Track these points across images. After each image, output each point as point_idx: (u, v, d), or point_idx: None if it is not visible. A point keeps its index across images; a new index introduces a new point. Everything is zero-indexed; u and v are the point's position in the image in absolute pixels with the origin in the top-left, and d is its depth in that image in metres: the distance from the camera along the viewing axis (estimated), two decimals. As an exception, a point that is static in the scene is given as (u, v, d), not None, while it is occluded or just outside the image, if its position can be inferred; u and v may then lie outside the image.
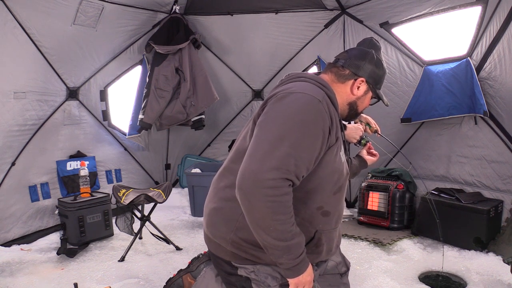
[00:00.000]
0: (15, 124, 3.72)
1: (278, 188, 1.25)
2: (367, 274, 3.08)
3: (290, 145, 1.28)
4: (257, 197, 1.26)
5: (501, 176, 3.58)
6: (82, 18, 3.92)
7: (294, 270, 1.37)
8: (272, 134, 1.31)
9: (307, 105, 1.34)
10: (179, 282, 2.06)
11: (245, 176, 1.28)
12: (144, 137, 4.93)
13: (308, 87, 1.42)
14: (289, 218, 1.31)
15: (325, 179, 1.44)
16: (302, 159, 1.30)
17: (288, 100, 1.36)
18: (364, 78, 1.56)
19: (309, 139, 1.31)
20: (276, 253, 1.34)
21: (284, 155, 1.27)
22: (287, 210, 1.29)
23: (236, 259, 1.50)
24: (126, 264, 3.36)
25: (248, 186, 1.27)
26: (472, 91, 3.58)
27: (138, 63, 4.87)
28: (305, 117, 1.32)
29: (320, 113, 1.34)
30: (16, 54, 3.59)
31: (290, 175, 1.28)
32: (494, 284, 2.87)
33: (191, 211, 4.83)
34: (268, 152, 1.28)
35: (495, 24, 3.34)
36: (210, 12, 4.89)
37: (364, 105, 1.63)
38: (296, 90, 1.39)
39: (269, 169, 1.25)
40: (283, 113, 1.34)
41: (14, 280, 3.03)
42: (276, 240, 1.30)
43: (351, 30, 4.50)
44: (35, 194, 3.96)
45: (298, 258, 1.35)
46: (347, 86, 1.57)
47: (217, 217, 1.53)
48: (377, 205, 4.15)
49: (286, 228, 1.30)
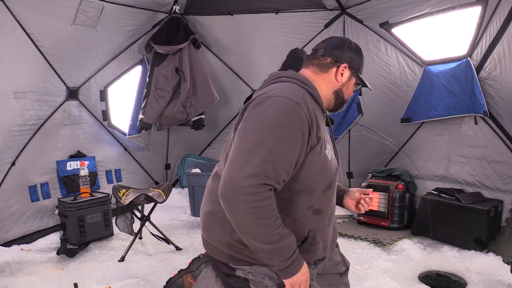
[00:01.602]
0: (15, 124, 3.72)
1: (257, 194, 1.27)
2: (367, 274, 3.08)
3: (267, 151, 1.29)
4: (238, 204, 1.28)
5: (501, 176, 3.58)
6: (82, 18, 3.92)
7: (287, 271, 1.37)
8: (249, 142, 1.32)
9: (284, 109, 1.34)
10: (179, 282, 2.06)
11: (225, 185, 1.30)
12: (144, 137, 4.93)
13: (287, 88, 1.42)
14: (273, 222, 1.31)
15: (312, 179, 1.44)
16: (280, 164, 1.31)
17: (265, 105, 1.36)
18: (346, 64, 1.56)
19: (286, 143, 1.32)
20: (266, 256, 1.35)
21: (261, 162, 1.28)
22: (269, 214, 1.30)
23: (233, 261, 1.50)
24: (126, 264, 3.36)
25: (229, 194, 1.29)
26: (472, 91, 3.58)
27: (138, 63, 4.87)
28: (282, 121, 1.32)
29: (298, 116, 1.33)
30: (16, 54, 3.59)
31: (268, 180, 1.29)
32: (494, 284, 2.87)
33: (191, 211, 4.83)
34: (245, 160, 1.29)
35: (495, 24, 3.34)
36: (210, 12, 4.89)
37: (349, 92, 1.63)
38: (273, 93, 1.39)
39: (247, 176, 1.27)
40: (259, 120, 1.35)
41: (14, 280, 3.03)
42: (263, 244, 1.32)
43: (351, 30, 4.50)
44: (35, 194, 3.96)
45: (289, 259, 1.35)
46: (331, 75, 1.56)
47: (212, 220, 1.53)
48: (377, 205, 4.15)
49: (271, 231, 1.31)
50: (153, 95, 4.65)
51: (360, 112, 4.63)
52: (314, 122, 1.38)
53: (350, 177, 4.90)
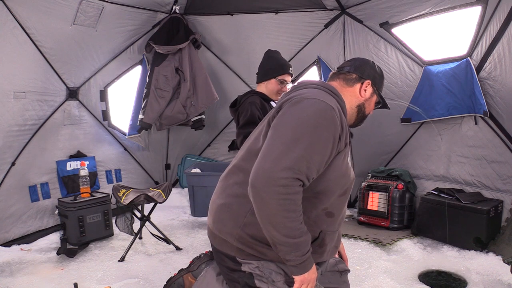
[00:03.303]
0: (15, 124, 3.72)
1: (290, 186, 1.33)
2: (367, 274, 3.08)
3: (304, 148, 1.35)
4: (270, 194, 1.33)
5: (501, 176, 3.59)
6: (82, 18, 3.92)
7: (300, 267, 1.43)
8: (286, 136, 1.38)
9: (321, 111, 1.42)
10: (180, 281, 2.05)
11: (259, 174, 1.35)
12: (144, 137, 4.93)
13: (321, 94, 1.50)
14: (298, 216, 1.38)
15: (333, 182, 1.50)
16: (313, 162, 1.37)
17: (303, 105, 1.44)
18: (370, 80, 1.69)
19: (321, 143, 1.39)
20: (285, 250, 1.40)
21: (297, 156, 1.34)
22: (297, 208, 1.36)
23: (241, 255, 1.53)
24: (126, 264, 3.36)
25: (262, 184, 1.33)
26: (472, 91, 3.59)
27: (138, 63, 4.87)
28: (319, 122, 1.40)
29: (333, 120, 1.41)
30: (16, 54, 3.58)
31: (301, 175, 1.35)
32: (494, 284, 2.87)
33: (191, 211, 4.83)
34: (282, 152, 1.35)
35: (495, 24, 3.34)
36: (210, 12, 4.89)
37: (370, 108, 1.74)
38: (310, 96, 1.47)
39: (283, 169, 1.32)
40: (298, 117, 1.41)
41: (14, 280, 3.03)
42: (286, 237, 1.37)
43: (351, 30, 4.50)
44: (35, 194, 3.96)
45: (304, 256, 1.42)
46: (355, 89, 1.68)
47: (225, 213, 1.57)
48: (377, 205, 4.15)
49: (295, 225, 1.37)
50: (153, 95, 4.65)
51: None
52: (344, 128, 1.47)
53: (350, 177, 4.90)
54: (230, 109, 2.89)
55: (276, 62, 2.79)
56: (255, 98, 2.68)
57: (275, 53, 2.89)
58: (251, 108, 2.59)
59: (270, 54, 2.90)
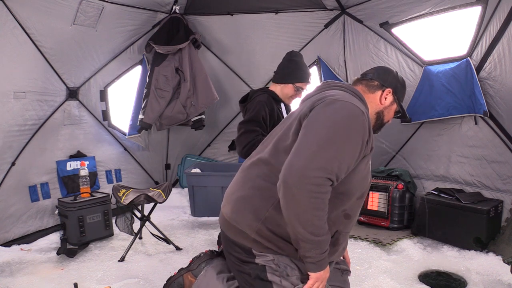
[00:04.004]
0: (15, 124, 3.72)
1: (322, 185, 1.37)
2: (367, 274, 3.08)
3: (337, 149, 1.40)
4: (302, 191, 1.36)
5: (501, 176, 3.58)
6: (82, 18, 3.92)
7: (318, 264, 1.47)
8: (320, 136, 1.42)
9: (353, 114, 1.46)
10: (179, 280, 2.05)
11: (292, 171, 1.38)
12: (144, 137, 4.93)
13: (352, 98, 1.55)
14: (325, 215, 1.43)
15: (354, 184, 1.54)
16: (344, 163, 1.42)
17: (337, 106, 1.48)
18: (391, 89, 1.71)
19: (353, 145, 1.44)
20: (307, 247, 1.44)
21: (331, 157, 1.39)
22: (325, 207, 1.42)
23: (258, 247, 1.55)
24: (126, 264, 3.36)
25: (295, 181, 1.37)
26: (472, 91, 3.58)
27: (138, 63, 4.87)
28: (352, 125, 1.45)
29: (363, 123, 1.46)
30: (16, 54, 3.58)
31: (332, 175, 1.39)
32: (494, 284, 2.87)
33: (191, 211, 4.83)
34: (316, 152, 1.39)
35: (495, 24, 3.34)
36: (210, 12, 4.89)
37: (390, 116, 1.77)
38: (343, 98, 1.51)
39: (316, 168, 1.36)
40: (332, 118, 1.46)
41: (14, 280, 3.03)
42: (311, 234, 1.41)
43: (351, 30, 4.50)
44: (35, 194, 3.96)
45: (323, 254, 1.46)
46: (376, 96, 1.72)
47: (246, 204, 1.59)
48: (377, 205, 4.15)
49: (321, 224, 1.42)
50: (153, 95, 4.65)
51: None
52: (371, 133, 1.51)
53: (350, 177, 4.90)
54: (240, 104, 2.88)
55: (298, 68, 2.75)
56: (264, 97, 2.67)
57: (298, 57, 2.83)
58: (258, 107, 2.60)
59: (293, 57, 2.83)
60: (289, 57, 2.85)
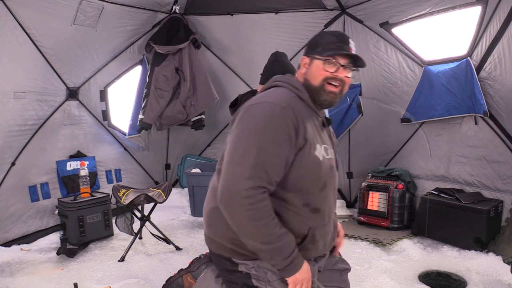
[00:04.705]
0: (15, 124, 3.72)
1: (252, 196, 1.34)
2: (367, 274, 3.08)
3: (257, 155, 1.36)
4: (235, 208, 1.36)
5: (501, 176, 3.58)
6: (82, 18, 3.92)
7: (287, 269, 1.43)
8: (239, 149, 1.40)
9: (270, 113, 1.41)
10: (179, 281, 2.06)
11: (222, 191, 1.39)
12: (144, 137, 4.93)
13: (276, 93, 1.49)
14: (269, 222, 1.38)
15: (302, 179, 1.47)
16: (270, 166, 1.37)
17: (252, 112, 1.44)
18: (304, 55, 1.59)
19: (274, 145, 1.38)
20: (267, 256, 1.42)
21: (253, 165, 1.35)
22: (265, 215, 1.37)
23: (236, 256, 1.53)
24: (126, 264, 3.36)
25: (226, 200, 1.38)
26: (472, 91, 3.58)
27: (138, 63, 4.87)
28: (268, 125, 1.39)
29: (283, 119, 1.39)
30: (16, 54, 3.59)
31: (262, 182, 1.36)
32: (494, 284, 2.87)
33: (191, 211, 4.83)
34: (238, 165, 1.37)
35: (495, 24, 3.33)
36: (210, 12, 4.89)
37: (315, 75, 1.53)
38: (260, 100, 1.47)
39: (241, 181, 1.35)
40: (248, 126, 1.42)
41: (14, 280, 3.03)
42: (263, 244, 1.39)
43: (351, 30, 4.50)
44: (35, 194, 3.96)
45: (289, 258, 1.41)
46: (300, 70, 1.60)
47: (216, 215, 1.55)
48: (377, 205, 4.15)
49: (268, 231, 1.38)
50: (153, 95, 4.65)
51: (360, 112, 4.63)
52: (301, 125, 1.43)
53: (350, 177, 4.90)
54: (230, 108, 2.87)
55: (282, 67, 2.70)
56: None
57: (282, 57, 2.79)
58: None
59: (278, 57, 2.80)
60: (273, 58, 2.84)
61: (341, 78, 1.52)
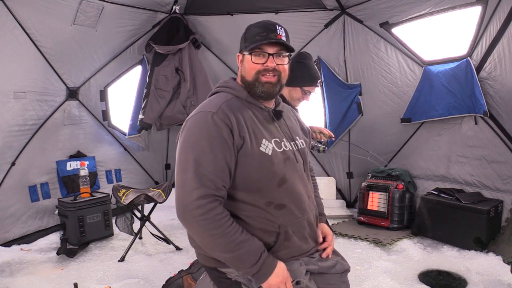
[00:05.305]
0: (15, 124, 3.72)
1: (202, 206, 1.34)
2: (367, 274, 3.08)
3: (197, 164, 1.37)
4: (189, 221, 1.38)
5: (501, 176, 3.58)
6: (82, 18, 3.92)
7: (257, 277, 1.40)
8: (182, 162, 1.42)
9: (202, 122, 1.43)
10: (179, 282, 2.06)
11: (176, 205, 1.40)
12: (144, 137, 4.93)
13: (210, 101, 1.51)
14: (226, 229, 1.35)
15: (252, 177, 1.44)
16: (213, 172, 1.37)
17: (189, 125, 1.48)
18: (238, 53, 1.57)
19: (212, 152, 1.38)
20: (233, 265, 1.42)
21: (195, 175, 1.36)
22: (219, 223, 1.35)
23: (219, 264, 1.50)
24: (126, 264, 3.36)
25: (180, 213, 1.39)
26: (472, 91, 3.58)
27: (138, 63, 4.87)
28: (203, 133, 1.41)
29: (215, 124, 1.40)
30: (16, 54, 3.59)
31: (209, 190, 1.36)
32: (494, 284, 2.87)
33: (191, 211, 4.83)
34: (182, 179, 1.39)
35: (495, 24, 3.33)
36: (210, 12, 4.89)
37: (248, 70, 1.52)
38: (196, 111, 1.49)
39: (189, 192, 1.35)
40: (186, 139, 1.45)
41: (14, 280, 3.03)
42: (223, 253, 1.38)
43: (351, 30, 4.50)
44: (35, 194, 3.96)
45: (256, 265, 1.37)
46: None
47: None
48: (377, 205, 4.15)
49: (226, 239, 1.35)
50: (153, 95, 4.65)
51: (360, 112, 4.63)
52: (237, 125, 1.43)
53: (350, 177, 4.90)
54: None
55: (308, 71, 2.63)
56: None
57: (308, 59, 2.70)
58: None
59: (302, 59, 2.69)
60: (298, 59, 2.77)
61: (273, 67, 1.49)
